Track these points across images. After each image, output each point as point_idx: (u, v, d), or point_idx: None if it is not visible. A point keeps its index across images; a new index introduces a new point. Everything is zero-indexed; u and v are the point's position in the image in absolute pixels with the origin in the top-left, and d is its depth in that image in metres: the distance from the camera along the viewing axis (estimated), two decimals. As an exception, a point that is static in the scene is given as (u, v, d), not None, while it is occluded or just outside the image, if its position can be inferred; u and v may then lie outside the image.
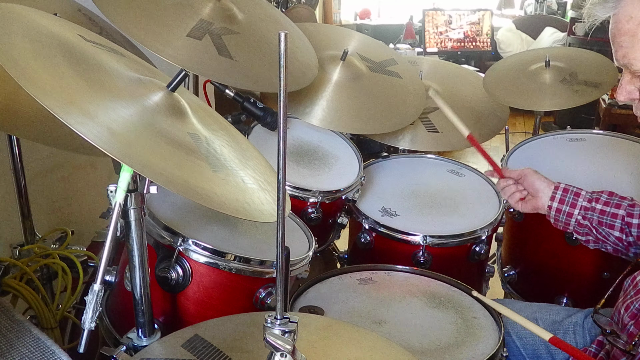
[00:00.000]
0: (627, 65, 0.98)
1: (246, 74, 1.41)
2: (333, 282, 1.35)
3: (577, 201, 1.31)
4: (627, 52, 0.96)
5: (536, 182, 1.36)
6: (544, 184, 1.35)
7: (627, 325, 1.07)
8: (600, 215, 1.28)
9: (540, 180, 1.36)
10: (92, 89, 0.80)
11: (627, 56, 0.96)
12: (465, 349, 1.13)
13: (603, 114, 4.11)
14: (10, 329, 0.90)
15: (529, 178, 1.37)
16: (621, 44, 0.96)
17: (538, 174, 1.37)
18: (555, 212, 1.33)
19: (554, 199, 1.33)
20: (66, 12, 1.43)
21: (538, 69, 2.02)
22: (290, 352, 0.71)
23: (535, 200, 1.36)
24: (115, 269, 1.15)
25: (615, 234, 1.27)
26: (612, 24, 0.97)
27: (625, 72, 1.01)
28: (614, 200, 1.28)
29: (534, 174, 1.37)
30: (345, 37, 1.97)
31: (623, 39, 0.95)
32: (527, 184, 1.38)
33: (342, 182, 1.62)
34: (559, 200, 1.32)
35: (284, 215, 0.69)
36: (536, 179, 1.36)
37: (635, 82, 1.00)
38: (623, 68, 1.00)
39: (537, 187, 1.35)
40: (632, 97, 1.02)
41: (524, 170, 1.39)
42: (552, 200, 1.33)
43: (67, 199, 2.02)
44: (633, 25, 0.93)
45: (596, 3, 0.98)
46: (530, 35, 6.05)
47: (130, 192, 0.87)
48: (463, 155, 4.28)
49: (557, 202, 1.32)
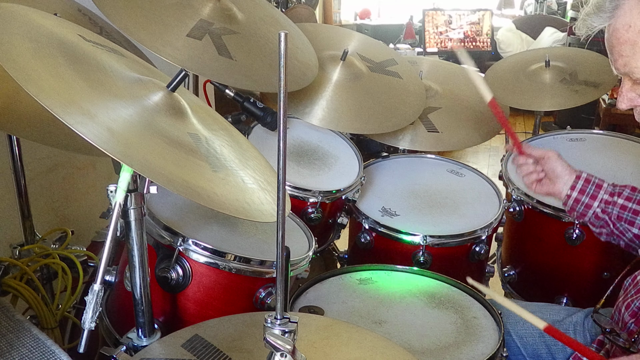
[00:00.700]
0: (628, 73, 0.97)
1: (246, 74, 1.41)
2: (333, 282, 1.35)
3: (598, 193, 1.27)
4: (628, 61, 0.95)
5: (558, 167, 1.31)
6: (566, 170, 1.30)
7: (628, 323, 1.07)
8: (621, 210, 1.25)
9: (563, 166, 1.31)
10: (92, 89, 0.80)
11: (628, 65, 0.95)
12: (465, 349, 1.13)
13: (603, 114, 4.11)
14: (10, 329, 0.90)
15: (552, 162, 1.31)
16: (621, 53, 0.95)
17: (561, 159, 1.32)
18: (573, 202, 1.29)
19: (574, 188, 1.28)
20: (66, 12, 1.43)
21: (538, 69, 2.02)
22: (290, 352, 0.71)
23: (553, 185, 1.31)
24: (115, 269, 1.15)
25: (634, 231, 1.23)
26: (608, 33, 0.96)
27: (626, 80, 1.00)
28: (637, 196, 1.25)
29: (558, 158, 1.32)
30: (345, 37, 1.97)
31: (623, 47, 0.94)
32: (547, 167, 1.32)
33: (342, 182, 1.62)
34: (579, 191, 1.28)
35: (284, 215, 0.69)
36: (559, 164, 1.31)
37: (636, 89, 0.99)
38: (623, 76, 1.00)
39: (559, 172, 1.30)
40: (634, 104, 1.01)
41: (547, 152, 1.33)
42: (572, 190, 1.29)
43: (67, 199, 2.02)
44: (633, 33, 0.92)
45: (591, 13, 0.97)
46: (530, 35, 6.05)
47: (130, 192, 0.87)
48: (463, 155, 4.28)
49: (576, 192, 1.28)
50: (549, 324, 0.86)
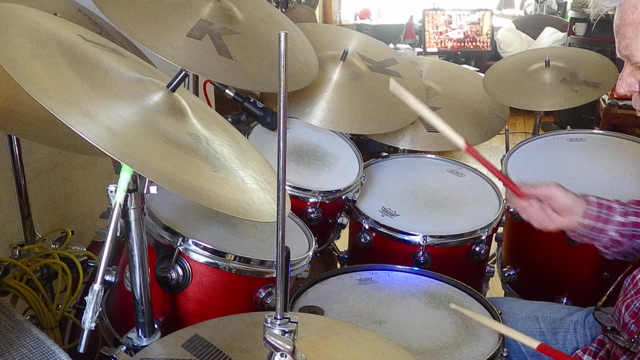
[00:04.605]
0: (628, 56, 0.96)
1: (246, 74, 1.41)
2: (333, 282, 1.35)
3: (609, 217, 1.18)
4: (629, 43, 0.94)
5: (567, 200, 1.20)
6: (574, 201, 1.20)
7: (628, 324, 1.07)
8: (634, 228, 1.18)
9: (569, 196, 1.20)
10: (92, 89, 0.80)
11: (629, 47, 0.94)
12: (465, 349, 1.13)
13: (603, 114, 4.11)
14: (10, 329, 0.90)
15: (559, 198, 1.20)
16: (624, 34, 0.94)
17: (564, 190, 1.21)
18: (584, 229, 1.20)
19: (586, 215, 1.19)
20: (66, 12, 1.43)
21: (538, 69, 2.02)
22: (290, 352, 0.71)
23: (564, 219, 1.21)
24: (115, 269, 1.15)
25: None
26: (617, 14, 0.95)
27: (627, 64, 0.99)
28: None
29: (562, 191, 1.20)
30: (345, 37, 1.97)
31: (627, 29, 0.93)
32: (556, 205, 1.21)
33: (342, 182, 1.62)
34: (594, 218, 1.19)
35: (284, 215, 0.69)
36: (566, 196, 1.20)
37: (636, 74, 0.99)
38: (625, 59, 0.99)
39: (569, 205, 1.20)
40: (632, 90, 1.01)
41: (549, 189, 1.21)
42: (584, 217, 1.19)
43: (67, 199, 2.02)
44: (638, 15, 0.91)
45: None
46: (530, 35, 6.05)
47: (130, 192, 0.87)
48: (463, 155, 4.28)
49: (589, 220, 1.19)
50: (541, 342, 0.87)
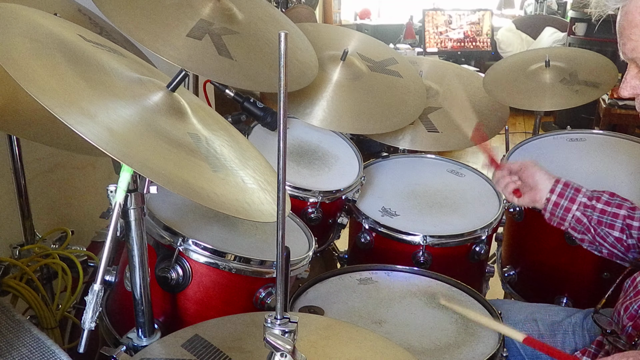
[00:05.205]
0: (635, 59, 0.94)
1: (246, 74, 1.41)
2: (333, 282, 1.35)
3: (576, 197, 1.27)
4: (636, 46, 0.92)
5: (536, 173, 1.32)
6: (544, 176, 1.32)
7: (626, 326, 1.06)
8: (600, 214, 1.26)
9: (541, 172, 1.32)
10: (92, 89, 0.80)
11: (636, 49, 0.92)
12: (465, 349, 1.13)
13: (603, 114, 4.11)
14: (10, 329, 0.90)
15: (529, 170, 1.34)
16: (630, 36, 0.92)
17: (539, 167, 1.34)
18: (552, 206, 1.29)
19: (553, 191, 1.29)
20: (66, 12, 1.43)
21: (538, 69, 2.02)
22: (290, 352, 0.71)
23: (534, 192, 1.32)
24: (115, 269, 1.15)
25: (615, 234, 1.24)
26: (620, 15, 0.93)
27: (631, 66, 0.97)
28: (615, 200, 1.26)
29: (534, 165, 1.34)
30: (345, 37, 1.97)
31: (634, 31, 0.91)
32: (526, 176, 1.34)
33: (342, 182, 1.62)
34: (558, 194, 1.29)
35: (284, 215, 0.69)
36: (536, 170, 1.33)
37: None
38: (629, 62, 0.97)
39: (537, 179, 1.32)
40: (636, 92, 0.98)
41: (524, 162, 1.35)
42: (551, 193, 1.29)
43: (67, 199, 2.02)
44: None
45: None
46: (530, 35, 6.05)
47: (130, 192, 0.87)
48: (463, 155, 4.28)
49: (555, 195, 1.29)
50: (529, 335, 0.90)
